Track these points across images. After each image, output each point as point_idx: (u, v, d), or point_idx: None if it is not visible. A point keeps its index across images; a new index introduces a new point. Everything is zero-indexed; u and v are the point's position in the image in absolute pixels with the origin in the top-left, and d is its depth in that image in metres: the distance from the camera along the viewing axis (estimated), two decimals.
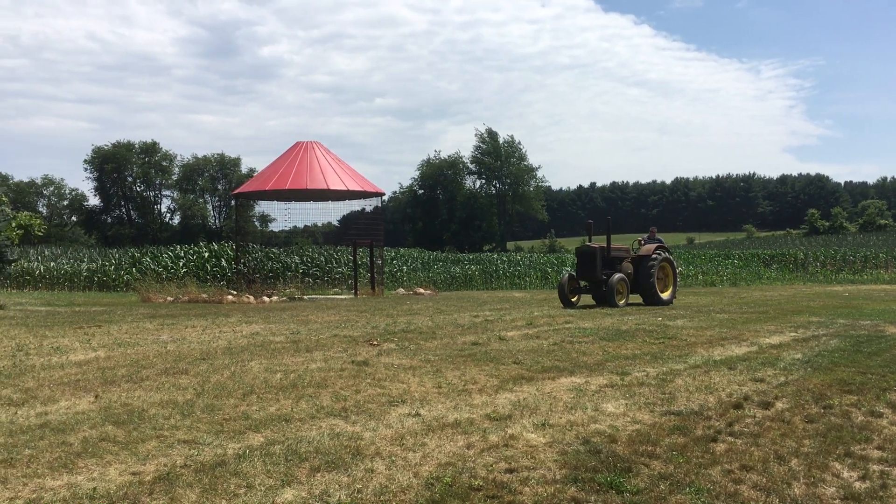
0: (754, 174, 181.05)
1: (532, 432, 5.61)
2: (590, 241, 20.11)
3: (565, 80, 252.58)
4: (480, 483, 4.50)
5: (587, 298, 20.03)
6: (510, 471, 4.73)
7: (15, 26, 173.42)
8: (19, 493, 4.21)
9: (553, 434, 5.58)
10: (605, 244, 19.41)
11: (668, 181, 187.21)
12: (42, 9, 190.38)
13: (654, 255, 19.59)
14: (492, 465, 4.82)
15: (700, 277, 38.45)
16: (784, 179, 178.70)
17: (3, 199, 18.71)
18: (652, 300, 19.23)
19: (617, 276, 18.58)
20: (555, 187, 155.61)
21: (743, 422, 6.12)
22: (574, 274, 19.54)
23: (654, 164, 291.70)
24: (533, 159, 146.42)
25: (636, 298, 19.98)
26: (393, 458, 4.95)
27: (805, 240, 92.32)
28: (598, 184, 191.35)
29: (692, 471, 4.85)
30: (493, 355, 9.34)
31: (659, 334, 11.64)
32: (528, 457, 5.02)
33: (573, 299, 19.00)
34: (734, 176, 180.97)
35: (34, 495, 4.18)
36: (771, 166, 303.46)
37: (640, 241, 20.98)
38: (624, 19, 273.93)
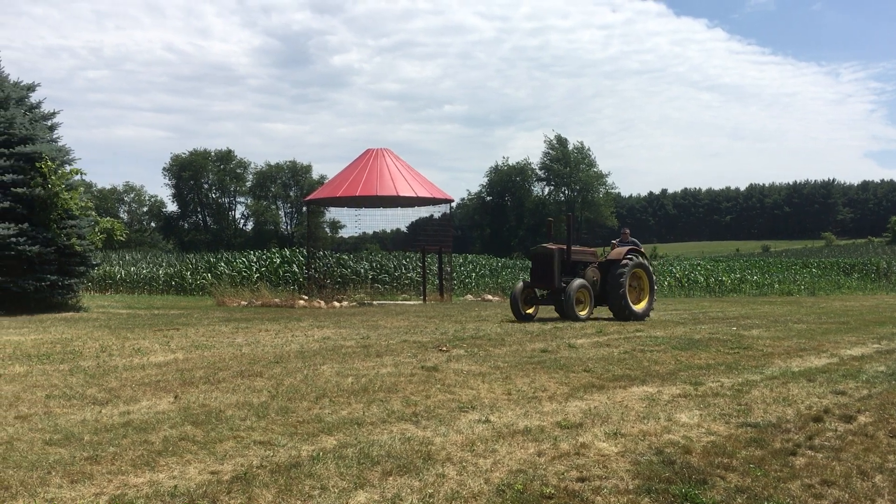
0: (834, 180, 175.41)
1: (604, 441, 5.55)
2: (551, 242, 17.00)
3: (636, 86, 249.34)
4: (552, 491, 4.47)
5: (548, 310, 17.51)
6: (582, 479, 4.69)
7: (97, 39, 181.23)
8: (104, 489, 4.37)
9: (625, 443, 5.51)
10: (564, 246, 16.49)
11: (743, 187, 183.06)
12: (123, 21, 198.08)
13: (624, 261, 16.59)
14: (563, 474, 4.78)
15: (776, 286, 37.42)
16: (865, 185, 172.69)
17: (90, 205, 19.46)
18: (622, 313, 16.25)
19: (577, 282, 15.65)
20: (624, 194, 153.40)
21: (823, 435, 5.92)
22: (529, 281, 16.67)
23: (728, 170, 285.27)
24: (602, 165, 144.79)
25: (605, 312, 17.20)
26: (464, 463, 4.96)
27: (888, 248, 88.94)
28: (670, 190, 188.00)
29: (770, 485, 4.72)
30: (562, 363, 9.27)
31: (733, 344, 11.37)
32: (600, 466, 4.97)
33: (528, 311, 16.36)
34: (812, 182, 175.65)
35: (118, 491, 4.33)
36: (851, 172, 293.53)
37: (612, 243, 18.30)
38: (696, 23, 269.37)
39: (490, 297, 27.61)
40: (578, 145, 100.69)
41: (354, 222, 28.57)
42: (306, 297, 23.17)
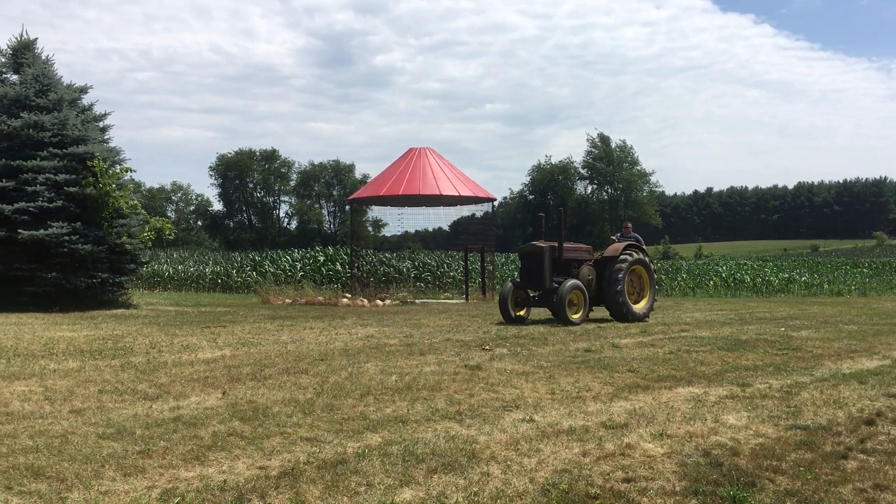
0: (886, 178, 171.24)
1: (649, 442, 5.51)
2: (541, 239, 15.97)
3: (680, 83, 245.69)
4: (597, 491, 4.45)
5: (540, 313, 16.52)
6: (627, 480, 4.66)
7: (146, 41, 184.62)
8: (156, 483, 4.46)
9: (671, 444, 5.46)
10: (555, 243, 15.49)
11: (791, 186, 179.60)
12: (171, 24, 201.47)
13: (622, 257, 15.54)
14: (608, 474, 4.76)
15: (825, 287, 36.65)
16: None
17: (139, 204, 19.86)
18: (620, 314, 15.40)
19: (569, 283, 14.59)
20: (669, 192, 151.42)
21: (876, 439, 5.80)
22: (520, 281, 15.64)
23: (775, 169, 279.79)
24: (646, 164, 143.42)
25: (604, 312, 16.27)
26: (508, 462, 4.97)
27: None
28: (715, 189, 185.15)
29: (821, 488, 4.63)
30: (606, 362, 9.22)
31: (782, 345, 11.18)
32: (646, 467, 4.93)
33: (520, 313, 15.38)
34: (863, 180, 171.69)
35: (170, 485, 4.41)
36: None
37: (611, 239, 17.23)
38: (743, 19, 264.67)
39: None
40: (621, 143, 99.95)
41: (397, 221, 28.68)
42: (349, 296, 23.34)
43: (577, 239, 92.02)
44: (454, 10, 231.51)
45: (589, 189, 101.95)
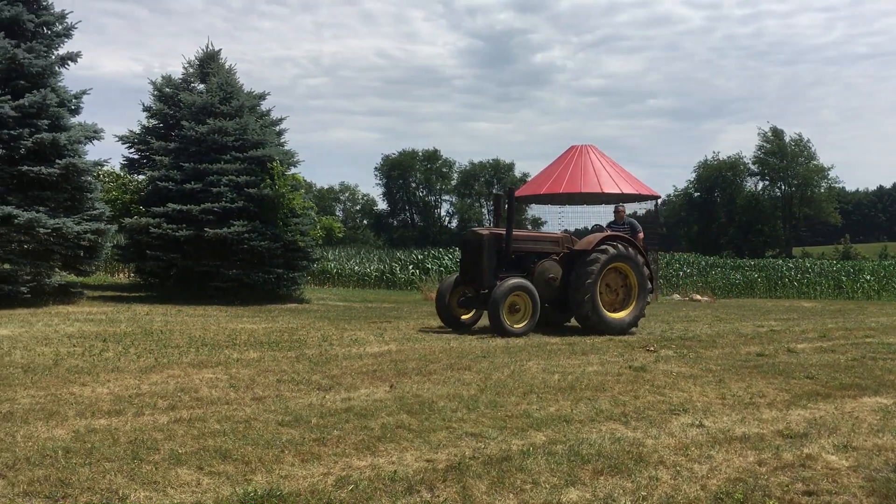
0: None
1: (832, 454, 5.18)
2: (494, 225, 13.06)
3: (863, 71, 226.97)
4: (775, 503, 4.23)
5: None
6: (809, 493, 4.40)
7: (317, 48, 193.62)
8: (331, 470, 4.68)
9: (857, 458, 5.10)
10: (503, 230, 12.21)
11: None
12: (339, 31, 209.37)
13: (593, 256, 11.98)
14: (787, 486, 4.51)
15: None
16: None
17: (311, 204, 20.85)
18: (589, 323, 12.03)
19: (510, 282, 11.49)
20: (849, 188, 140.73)
21: None
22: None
23: None
24: (824, 158, 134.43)
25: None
26: (677, 467, 4.82)
27: None
28: None
29: None
30: (781, 368, 8.75)
31: None
32: (829, 480, 4.63)
33: (464, 316, 12.71)
34: None
35: (343, 473, 4.61)
36: None
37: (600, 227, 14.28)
38: None
39: (698, 296, 26.53)
40: (796, 137, 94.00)
41: (557, 219, 28.45)
42: None
43: (745, 237, 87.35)
44: (617, 4, 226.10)
45: (760, 186, 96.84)
